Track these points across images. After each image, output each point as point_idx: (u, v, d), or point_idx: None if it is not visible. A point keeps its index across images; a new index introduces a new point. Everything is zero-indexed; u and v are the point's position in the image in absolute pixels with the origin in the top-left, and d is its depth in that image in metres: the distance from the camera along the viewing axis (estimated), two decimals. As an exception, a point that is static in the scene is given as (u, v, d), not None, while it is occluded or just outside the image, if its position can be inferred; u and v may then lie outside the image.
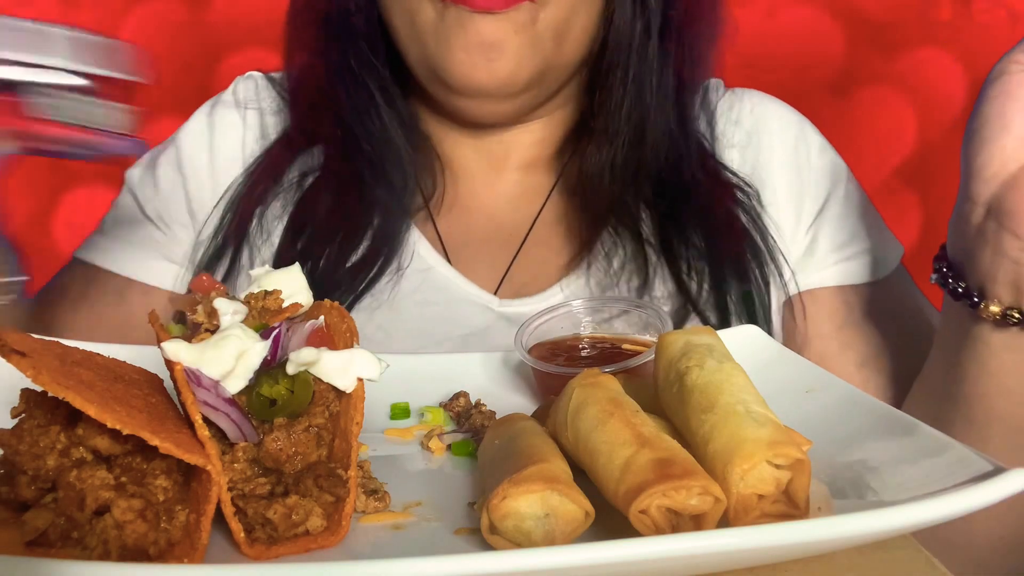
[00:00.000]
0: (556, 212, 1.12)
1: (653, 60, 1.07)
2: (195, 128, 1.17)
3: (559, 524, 0.55)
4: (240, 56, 2.02)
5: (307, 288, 0.67)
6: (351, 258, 1.05)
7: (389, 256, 1.05)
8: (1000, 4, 1.92)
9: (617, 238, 1.07)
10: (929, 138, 1.95)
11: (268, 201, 1.10)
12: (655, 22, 1.06)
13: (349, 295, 1.03)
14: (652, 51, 1.06)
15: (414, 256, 1.07)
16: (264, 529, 0.57)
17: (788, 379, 0.77)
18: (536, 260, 1.09)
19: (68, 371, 0.55)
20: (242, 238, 1.08)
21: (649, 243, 1.07)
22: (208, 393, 0.58)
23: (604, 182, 1.08)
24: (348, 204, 1.08)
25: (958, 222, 0.81)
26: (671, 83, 1.09)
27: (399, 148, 1.10)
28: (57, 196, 2.04)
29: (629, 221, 1.08)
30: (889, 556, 0.55)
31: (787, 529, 0.50)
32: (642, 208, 1.09)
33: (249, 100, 1.18)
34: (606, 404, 0.61)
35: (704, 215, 1.08)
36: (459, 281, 1.06)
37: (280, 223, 1.09)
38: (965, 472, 0.55)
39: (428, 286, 1.06)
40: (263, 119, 1.16)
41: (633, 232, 1.07)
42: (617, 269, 1.05)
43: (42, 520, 0.53)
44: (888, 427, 0.65)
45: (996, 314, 0.78)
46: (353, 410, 0.60)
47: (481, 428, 0.77)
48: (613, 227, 1.07)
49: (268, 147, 1.14)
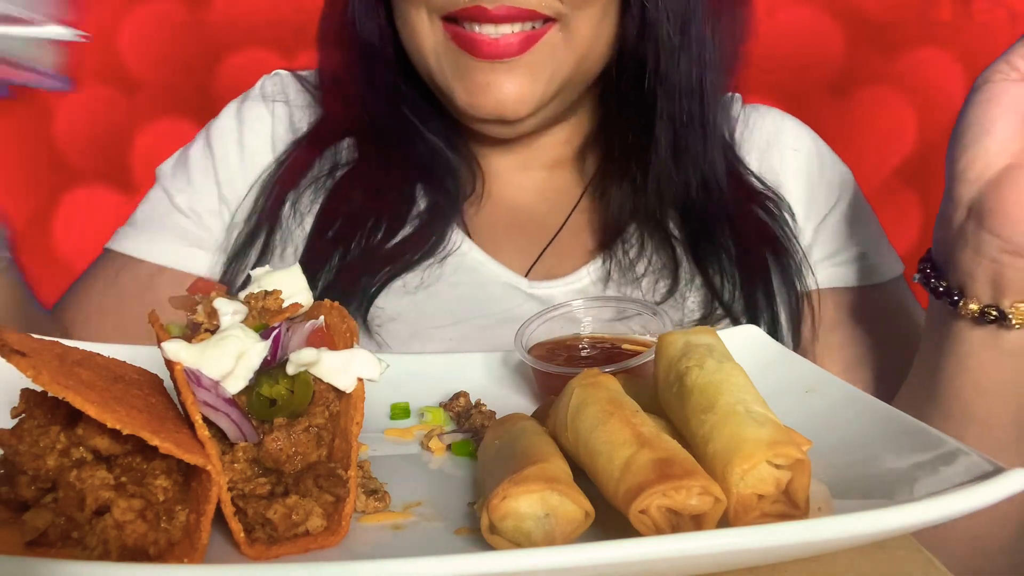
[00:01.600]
0: (585, 207, 1.15)
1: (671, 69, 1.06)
2: (224, 123, 1.20)
3: (559, 524, 0.55)
4: (240, 56, 2.02)
5: (307, 288, 0.67)
6: (389, 241, 1.07)
7: (437, 242, 1.08)
8: (1000, 4, 1.91)
9: (642, 231, 1.10)
10: (929, 138, 1.95)
11: (301, 186, 1.13)
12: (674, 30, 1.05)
13: (382, 279, 1.05)
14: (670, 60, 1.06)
15: (449, 243, 1.10)
16: (264, 529, 0.57)
17: (788, 379, 0.77)
18: (564, 247, 1.12)
19: (68, 371, 0.55)
20: (275, 221, 1.11)
21: (676, 239, 1.09)
22: (208, 393, 0.58)
23: (628, 198, 1.11)
24: (385, 192, 1.10)
25: (941, 223, 0.84)
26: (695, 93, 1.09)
27: (443, 154, 1.13)
28: (57, 196, 2.04)
29: (652, 218, 1.10)
30: (889, 556, 0.55)
31: (787, 529, 0.50)
32: (669, 213, 1.11)
33: (277, 95, 1.21)
34: (606, 404, 0.61)
35: (732, 222, 1.10)
36: (490, 264, 1.09)
37: (312, 209, 1.12)
38: (965, 472, 0.55)
39: (459, 269, 1.08)
40: (291, 113, 1.20)
41: (659, 229, 1.10)
42: (643, 264, 1.08)
43: (42, 520, 0.53)
44: (888, 427, 0.65)
45: (975, 312, 0.80)
46: (353, 410, 0.60)
47: (481, 428, 0.77)
48: (638, 222, 1.10)
49: (299, 137, 1.18)
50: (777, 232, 1.11)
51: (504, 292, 1.08)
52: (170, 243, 1.14)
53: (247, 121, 1.19)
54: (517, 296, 1.07)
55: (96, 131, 2.04)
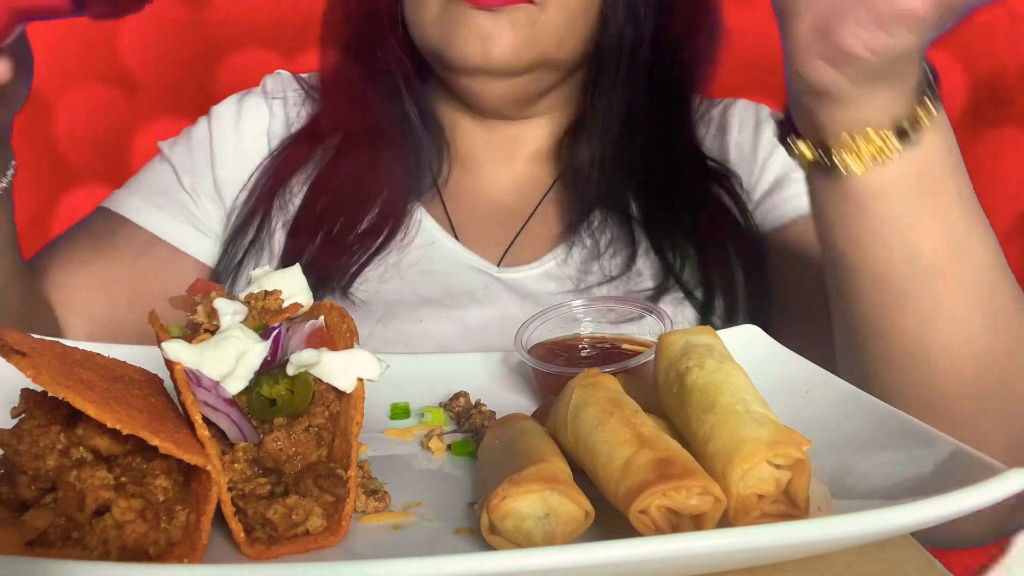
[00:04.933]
0: (554, 195, 1.21)
1: (643, 65, 1.14)
2: (224, 111, 1.26)
3: (559, 524, 0.55)
4: (240, 56, 2.02)
5: (307, 288, 0.67)
6: (361, 225, 1.14)
7: (396, 226, 1.15)
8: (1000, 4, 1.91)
9: (606, 216, 1.16)
10: (929, 138, 1.95)
11: (294, 174, 1.19)
12: (646, 30, 1.13)
13: (358, 260, 1.12)
14: (643, 57, 1.14)
15: (420, 231, 1.16)
16: (264, 529, 0.57)
17: (788, 379, 0.77)
18: (533, 236, 1.17)
19: (68, 371, 0.55)
20: (269, 208, 1.17)
21: (636, 220, 1.15)
22: (208, 393, 0.58)
23: (594, 173, 1.17)
24: (363, 177, 1.17)
25: None
26: (664, 89, 1.17)
27: (414, 130, 1.19)
28: (57, 196, 2.03)
29: (616, 203, 1.16)
30: (889, 556, 0.55)
31: (787, 529, 0.50)
32: (630, 195, 1.17)
33: (276, 92, 1.28)
34: (606, 404, 0.61)
35: (690, 199, 1.16)
36: (462, 252, 1.15)
37: (302, 193, 1.18)
38: (965, 472, 0.55)
39: (433, 258, 1.14)
40: (288, 110, 1.26)
41: (621, 212, 1.15)
42: (604, 244, 1.14)
43: (42, 520, 0.53)
44: (888, 427, 0.65)
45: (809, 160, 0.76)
46: (353, 410, 0.60)
47: (481, 428, 0.77)
48: (602, 208, 1.16)
49: (297, 132, 1.24)
50: (732, 208, 1.15)
51: (474, 276, 1.13)
52: (172, 217, 1.18)
53: (246, 113, 1.25)
54: (485, 279, 1.13)
55: (96, 131, 2.03)
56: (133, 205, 1.18)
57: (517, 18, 1.05)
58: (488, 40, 1.05)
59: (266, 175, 1.20)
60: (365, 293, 1.10)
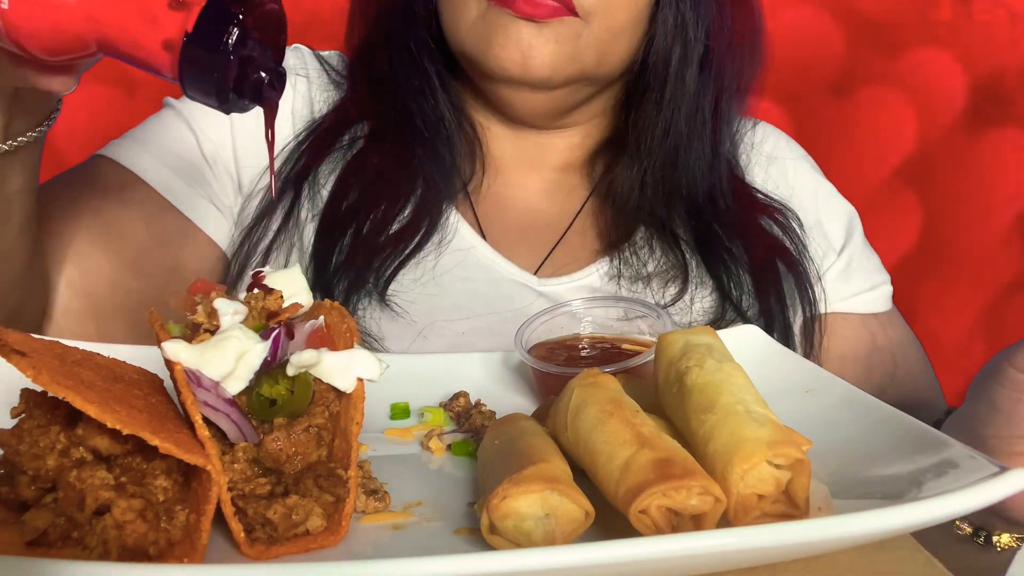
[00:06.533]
0: (592, 209, 1.17)
1: (690, 87, 1.10)
2: None
3: (559, 524, 0.55)
4: (240, 56, 2.02)
5: (307, 289, 0.67)
6: (394, 225, 1.08)
7: (431, 227, 1.09)
8: (1000, 4, 1.92)
9: (651, 235, 1.12)
10: (929, 138, 1.95)
11: (323, 161, 1.12)
12: (695, 51, 1.09)
13: (392, 263, 1.06)
14: (691, 79, 1.10)
15: (456, 235, 1.10)
16: (264, 529, 0.57)
17: (788, 379, 0.77)
18: (571, 247, 1.14)
19: (68, 371, 0.55)
20: (300, 189, 1.10)
21: (684, 242, 1.11)
22: (208, 393, 0.58)
23: (634, 197, 1.14)
24: (394, 172, 1.11)
25: None
26: (708, 111, 1.13)
27: (448, 128, 1.14)
28: (57, 196, 2.04)
29: (661, 224, 1.13)
30: (889, 556, 0.55)
31: (787, 529, 0.50)
32: (676, 217, 1.14)
33: (299, 68, 1.19)
34: (606, 404, 0.61)
35: (741, 231, 1.12)
36: (500, 261, 1.10)
37: (330, 182, 1.11)
38: (965, 472, 0.55)
39: (470, 264, 1.09)
40: (312, 91, 1.18)
41: (668, 235, 1.12)
42: (652, 266, 1.10)
43: (42, 520, 0.53)
44: (888, 427, 0.65)
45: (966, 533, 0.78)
46: (353, 410, 0.60)
47: (481, 428, 0.77)
48: (647, 227, 1.13)
49: (323, 117, 1.16)
50: (787, 242, 1.14)
51: (514, 289, 1.09)
52: (189, 187, 1.07)
53: None
54: (528, 294, 1.09)
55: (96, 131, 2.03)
56: (148, 164, 1.06)
57: (560, 31, 1.01)
58: (529, 52, 1.01)
59: (294, 158, 1.12)
60: (403, 300, 1.05)
